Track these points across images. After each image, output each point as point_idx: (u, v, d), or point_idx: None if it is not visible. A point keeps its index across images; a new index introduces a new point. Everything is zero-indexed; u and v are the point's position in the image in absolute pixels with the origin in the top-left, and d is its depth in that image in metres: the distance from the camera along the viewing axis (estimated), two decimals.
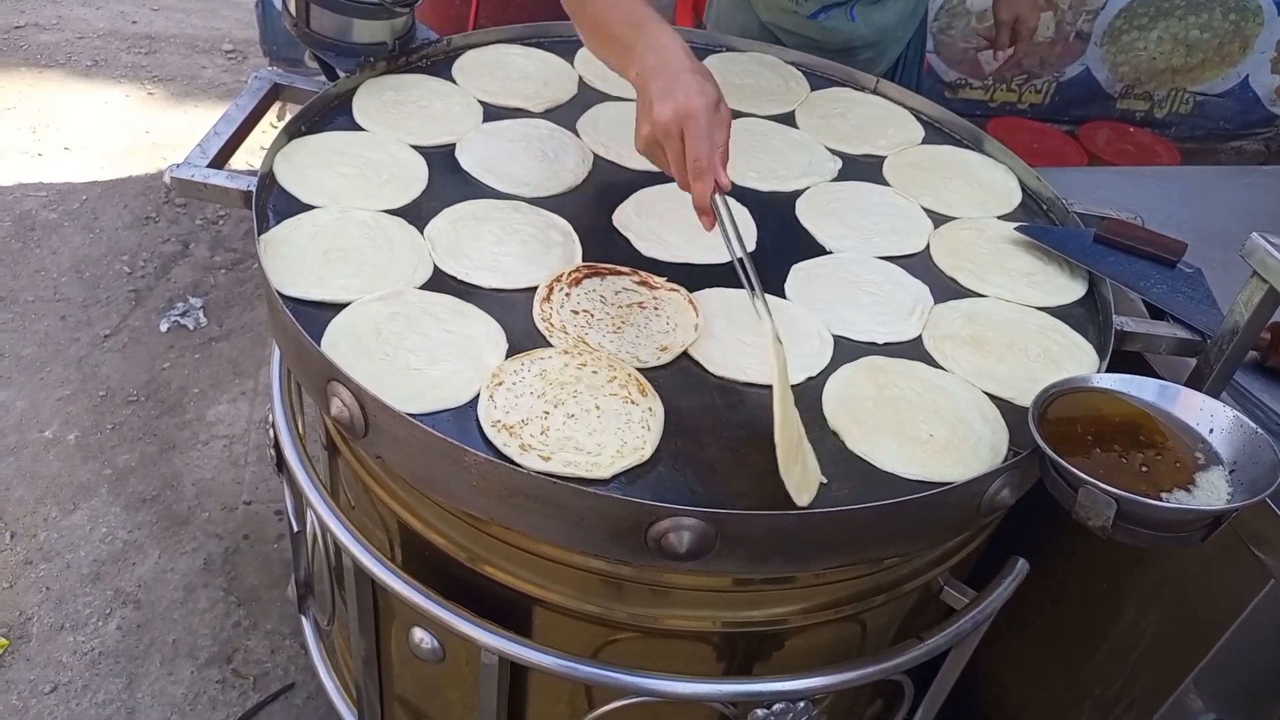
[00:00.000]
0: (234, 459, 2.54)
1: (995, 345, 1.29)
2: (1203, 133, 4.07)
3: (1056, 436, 1.06)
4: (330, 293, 1.20)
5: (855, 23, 1.86)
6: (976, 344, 1.29)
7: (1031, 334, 1.32)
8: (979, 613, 1.23)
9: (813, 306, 1.31)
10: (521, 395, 1.11)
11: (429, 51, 1.68)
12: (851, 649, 1.30)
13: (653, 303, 1.27)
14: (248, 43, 4.30)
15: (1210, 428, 1.09)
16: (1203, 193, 1.89)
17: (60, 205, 3.29)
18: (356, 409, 1.06)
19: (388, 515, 1.29)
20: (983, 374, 1.24)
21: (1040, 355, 1.28)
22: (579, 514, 1.01)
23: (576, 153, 1.53)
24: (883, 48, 1.97)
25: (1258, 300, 1.20)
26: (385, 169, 1.42)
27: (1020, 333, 1.32)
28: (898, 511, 1.04)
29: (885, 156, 1.65)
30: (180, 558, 2.29)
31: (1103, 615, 1.50)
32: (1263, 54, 3.86)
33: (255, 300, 3.03)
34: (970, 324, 1.32)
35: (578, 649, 1.18)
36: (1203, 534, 1.03)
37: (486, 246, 1.32)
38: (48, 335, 2.81)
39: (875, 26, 1.90)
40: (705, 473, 1.07)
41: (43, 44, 4.13)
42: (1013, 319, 1.34)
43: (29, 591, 2.18)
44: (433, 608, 1.16)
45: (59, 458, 2.48)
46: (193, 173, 1.32)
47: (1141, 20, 3.72)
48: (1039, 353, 1.28)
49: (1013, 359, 1.27)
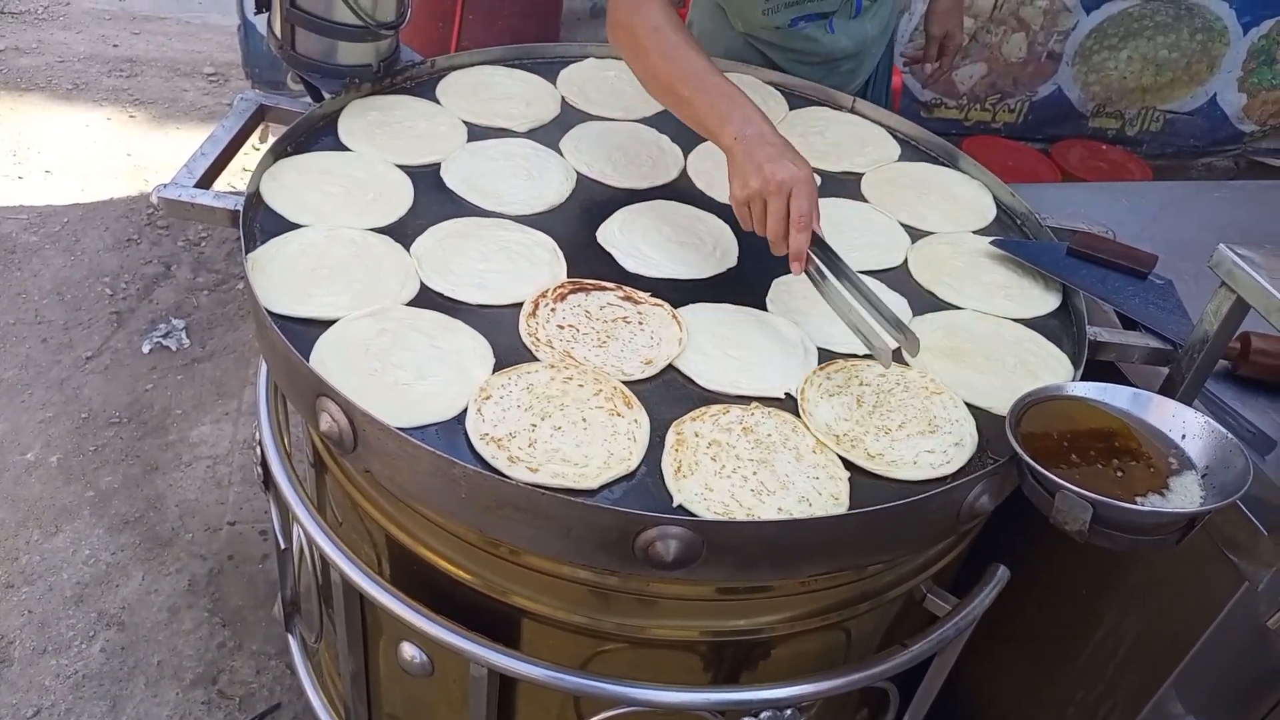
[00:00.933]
0: (217, 479, 2.53)
1: (973, 357, 1.32)
2: (1173, 150, 4.15)
3: (1033, 444, 1.09)
4: (318, 310, 1.21)
5: (834, 34, 1.90)
6: (955, 355, 1.31)
7: (1008, 345, 1.35)
8: (961, 619, 1.25)
9: (795, 319, 1.34)
10: (509, 409, 1.12)
11: (413, 73, 1.70)
12: (837, 657, 1.31)
13: (637, 317, 1.29)
14: (229, 65, 4.31)
15: (1183, 434, 1.12)
16: (1173, 207, 1.93)
17: (41, 228, 3.28)
18: (345, 424, 1.08)
19: (375, 530, 1.29)
20: (961, 384, 1.26)
21: (1017, 366, 1.31)
22: (567, 524, 1.02)
23: (560, 171, 1.55)
24: (861, 59, 2.01)
25: (1226, 310, 1.23)
26: (371, 188, 1.43)
27: (997, 344, 1.34)
28: (880, 518, 1.06)
29: (863, 174, 1.68)
30: (164, 579, 2.28)
31: (1083, 620, 1.53)
32: (1229, 73, 3.95)
33: (238, 321, 3.03)
34: (949, 336, 1.35)
35: (566, 660, 1.19)
36: (1177, 537, 1.05)
37: (472, 263, 1.33)
38: (29, 358, 2.80)
39: (855, 38, 1.93)
40: None
41: (23, 68, 4.13)
42: (990, 331, 1.37)
43: (11, 615, 2.17)
44: (421, 622, 1.17)
45: (41, 480, 2.46)
46: (180, 193, 1.33)
47: (1112, 40, 3.79)
48: (1015, 363, 1.31)
49: (991, 370, 1.30)
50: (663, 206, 1.52)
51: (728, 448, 1.12)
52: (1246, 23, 3.83)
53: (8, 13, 4.55)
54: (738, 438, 1.13)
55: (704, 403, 1.19)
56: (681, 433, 1.13)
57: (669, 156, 1.64)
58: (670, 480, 1.08)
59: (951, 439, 1.18)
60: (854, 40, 1.94)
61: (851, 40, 1.94)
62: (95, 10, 4.72)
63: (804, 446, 1.14)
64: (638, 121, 1.72)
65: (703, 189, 1.58)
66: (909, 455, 1.15)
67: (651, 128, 1.70)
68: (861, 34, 1.95)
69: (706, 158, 1.65)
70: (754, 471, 1.10)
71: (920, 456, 1.15)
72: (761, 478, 1.10)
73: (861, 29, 1.95)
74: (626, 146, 1.64)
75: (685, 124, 1.39)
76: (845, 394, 1.22)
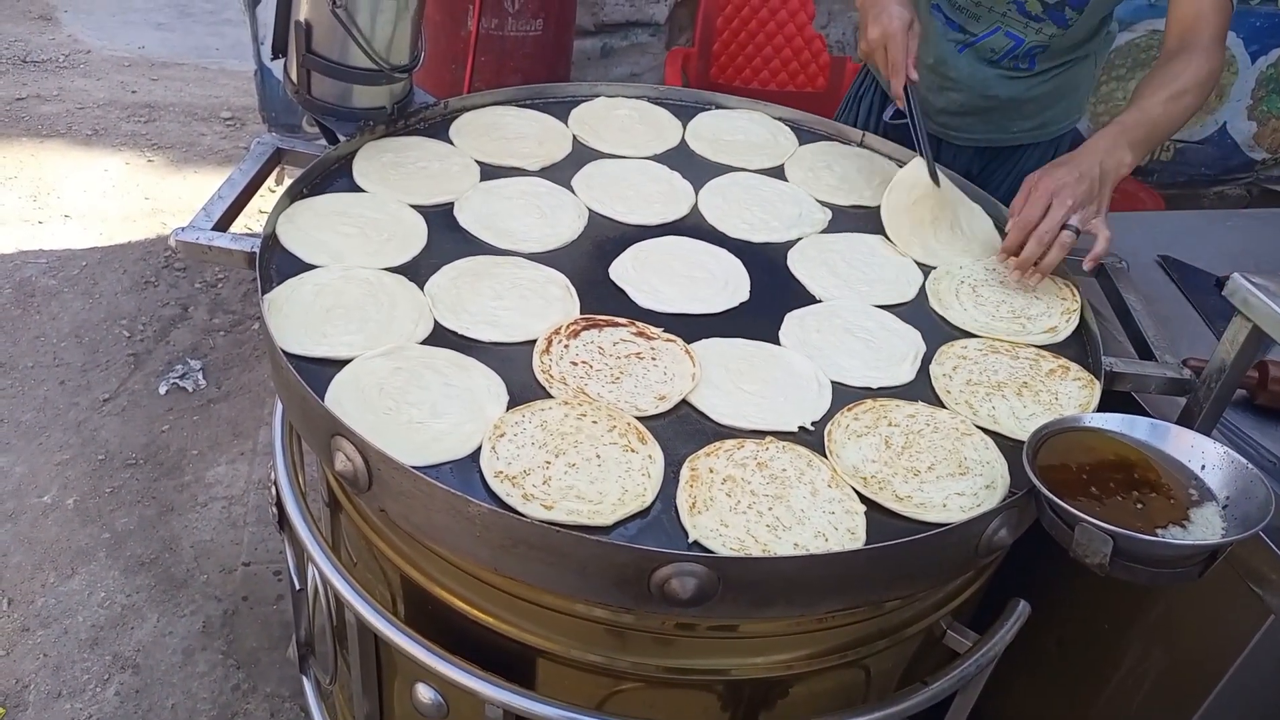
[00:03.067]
0: (233, 520, 2.53)
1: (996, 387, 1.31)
2: (1185, 179, 4.15)
3: (1052, 476, 1.08)
4: (333, 349, 1.22)
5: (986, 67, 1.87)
6: (976, 385, 1.31)
7: (1029, 373, 1.34)
8: (982, 655, 1.23)
9: (808, 353, 1.34)
10: (523, 446, 1.12)
11: (427, 114, 1.72)
12: (856, 695, 1.30)
13: (650, 353, 1.29)
14: (246, 110, 4.38)
15: (1202, 464, 1.11)
16: (1186, 236, 1.93)
17: (60, 272, 3.32)
18: (360, 463, 1.08)
19: (390, 569, 1.29)
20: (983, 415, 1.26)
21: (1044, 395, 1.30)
22: (582, 562, 1.02)
23: (572, 209, 1.57)
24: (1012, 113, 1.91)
25: (1243, 339, 1.22)
26: (386, 228, 1.45)
27: (1017, 372, 1.34)
28: (898, 553, 1.05)
29: (874, 207, 1.68)
30: (179, 621, 2.27)
31: (1106, 656, 1.50)
32: (1238, 102, 3.96)
33: (254, 361, 3.05)
34: (965, 365, 1.34)
35: (582, 701, 1.17)
36: (1200, 569, 1.04)
37: (486, 301, 1.34)
38: (47, 400, 2.82)
39: (990, 89, 1.88)
40: None
41: (44, 115, 4.20)
42: (1010, 359, 1.36)
43: (26, 659, 2.16)
44: (436, 662, 1.16)
45: (57, 522, 2.47)
46: (197, 235, 1.35)
47: (1119, 71, 3.81)
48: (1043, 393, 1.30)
49: (1014, 399, 1.29)
50: (674, 242, 1.53)
51: (742, 483, 1.11)
52: (1254, 51, 3.85)
53: (29, 61, 4.64)
54: (752, 473, 1.13)
55: (718, 438, 1.18)
56: (696, 468, 1.12)
57: (680, 192, 1.65)
58: (685, 516, 1.07)
59: (982, 481, 1.16)
60: (980, 82, 1.87)
61: (980, 81, 1.87)
62: (114, 58, 4.81)
63: (819, 481, 1.13)
64: (649, 159, 1.74)
65: (714, 224, 1.59)
66: (938, 498, 1.14)
67: (663, 164, 1.72)
68: (989, 84, 1.87)
69: (717, 193, 1.66)
70: (769, 507, 1.09)
71: (950, 499, 1.13)
72: (777, 513, 1.09)
73: (989, 78, 1.86)
74: (638, 183, 1.65)
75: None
76: (873, 434, 1.21)
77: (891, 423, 1.23)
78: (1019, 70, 1.86)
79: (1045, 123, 1.95)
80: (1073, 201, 1.39)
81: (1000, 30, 1.81)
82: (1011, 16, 1.79)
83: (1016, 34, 1.80)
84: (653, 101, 1.91)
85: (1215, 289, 1.41)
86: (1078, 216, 1.40)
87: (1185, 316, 1.68)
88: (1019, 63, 1.84)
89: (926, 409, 1.26)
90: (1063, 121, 1.97)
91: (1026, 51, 1.82)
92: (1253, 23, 3.80)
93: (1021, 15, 1.78)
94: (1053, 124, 1.96)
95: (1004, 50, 1.83)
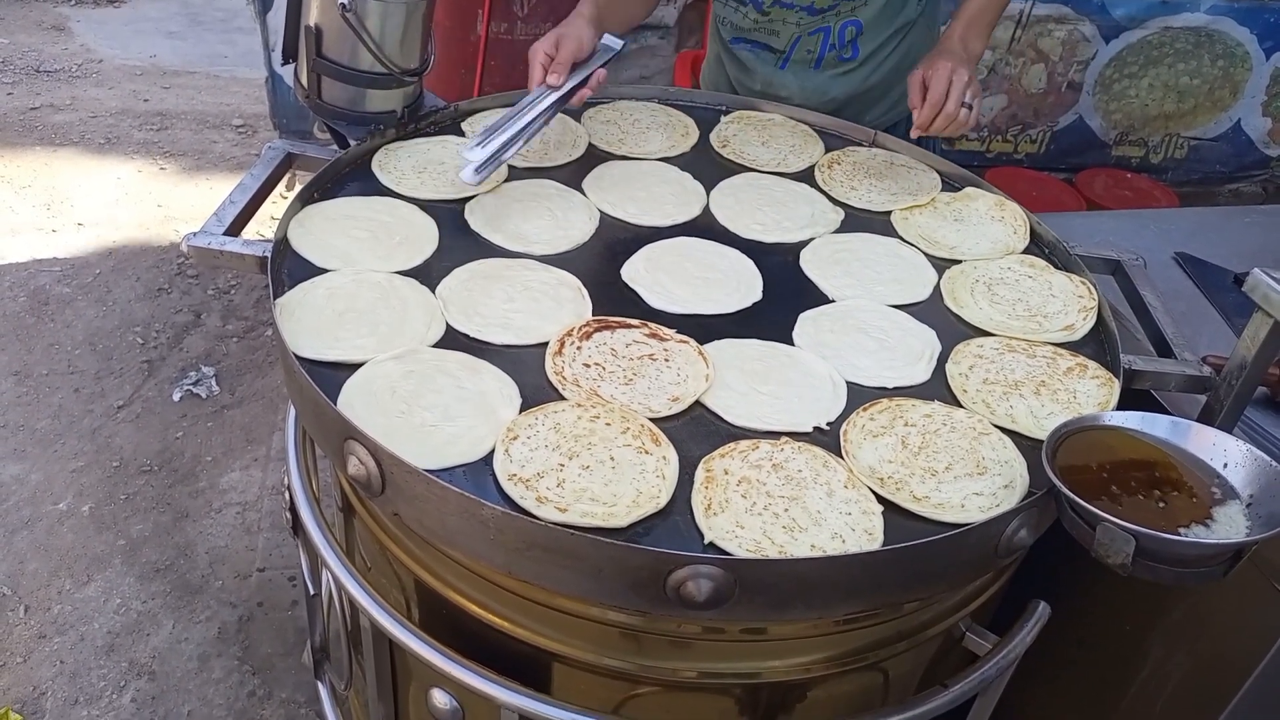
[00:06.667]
0: (247, 526, 2.54)
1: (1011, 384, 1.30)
2: (1199, 176, 4.12)
3: (1072, 476, 1.07)
4: (345, 353, 1.22)
5: (784, 72, 1.89)
6: (993, 384, 1.29)
7: (1046, 371, 1.32)
8: (1002, 658, 1.22)
9: (822, 353, 1.33)
10: (536, 449, 1.11)
11: (437, 117, 1.72)
12: (875, 699, 1.28)
13: (663, 354, 1.28)
14: (257, 117, 4.40)
15: (1224, 462, 1.09)
16: (1202, 233, 1.91)
17: (74, 279, 3.34)
18: (374, 466, 1.07)
19: (404, 574, 1.28)
20: (1002, 414, 1.25)
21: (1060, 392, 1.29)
22: (597, 565, 1.01)
23: (583, 211, 1.56)
24: (860, 106, 1.95)
25: (1264, 335, 1.21)
26: (397, 232, 1.44)
27: (1035, 371, 1.32)
28: (916, 554, 1.04)
29: (886, 210, 1.67)
30: (194, 627, 2.28)
31: (1129, 657, 1.48)
32: (1253, 98, 3.93)
33: (267, 367, 3.06)
34: (981, 363, 1.33)
35: (598, 705, 1.17)
36: (1224, 569, 1.02)
37: (498, 304, 1.33)
38: (61, 408, 2.83)
39: (816, 88, 1.90)
40: None
41: (57, 124, 4.23)
42: (1027, 358, 1.35)
43: (43, 665, 2.17)
44: (451, 667, 1.16)
45: (73, 530, 2.48)
46: (209, 240, 1.35)
47: (1132, 69, 3.79)
48: (1060, 390, 1.29)
49: (1031, 397, 1.28)
50: (686, 243, 1.52)
51: (758, 484, 1.10)
52: (1269, 48, 3.82)
53: (43, 71, 4.67)
54: (768, 474, 1.12)
55: (732, 439, 1.17)
56: (711, 470, 1.12)
57: (691, 194, 1.64)
58: (700, 518, 1.06)
59: (1001, 481, 1.15)
60: (813, 90, 1.90)
61: (812, 90, 1.90)
62: (126, 66, 4.84)
63: (836, 482, 1.12)
64: (660, 160, 1.73)
65: (725, 225, 1.58)
66: (956, 498, 1.12)
67: (674, 166, 1.71)
68: (822, 89, 1.90)
69: (729, 194, 1.65)
70: (785, 508, 1.08)
71: (968, 499, 1.12)
72: (793, 514, 1.08)
73: (821, 82, 1.90)
74: (649, 185, 1.65)
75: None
76: (890, 434, 1.20)
77: (908, 423, 1.22)
78: (846, 63, 1.87)
79: (897, 100, 1.95)
80: (961, 85, 1.57)
81: (800, 38, 1.84)
82: (805, 22, 1.82)
83: (821, 27, 1.83)
84: (662, 103, 1.91)
85: (1233, 286, 1.39)
86: (969, 94, 1.58)
87: (1203, 314, 1.67)
88: (842, 54, 1.86)
89: (943, 408, 1.24)
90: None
91: (844, 42, 1.84)
92: (1266, 19, 3.77)
93: (812, 15, 1.81)
94: (904, 100, 1.93)
95: (819, 49, 1.85)
